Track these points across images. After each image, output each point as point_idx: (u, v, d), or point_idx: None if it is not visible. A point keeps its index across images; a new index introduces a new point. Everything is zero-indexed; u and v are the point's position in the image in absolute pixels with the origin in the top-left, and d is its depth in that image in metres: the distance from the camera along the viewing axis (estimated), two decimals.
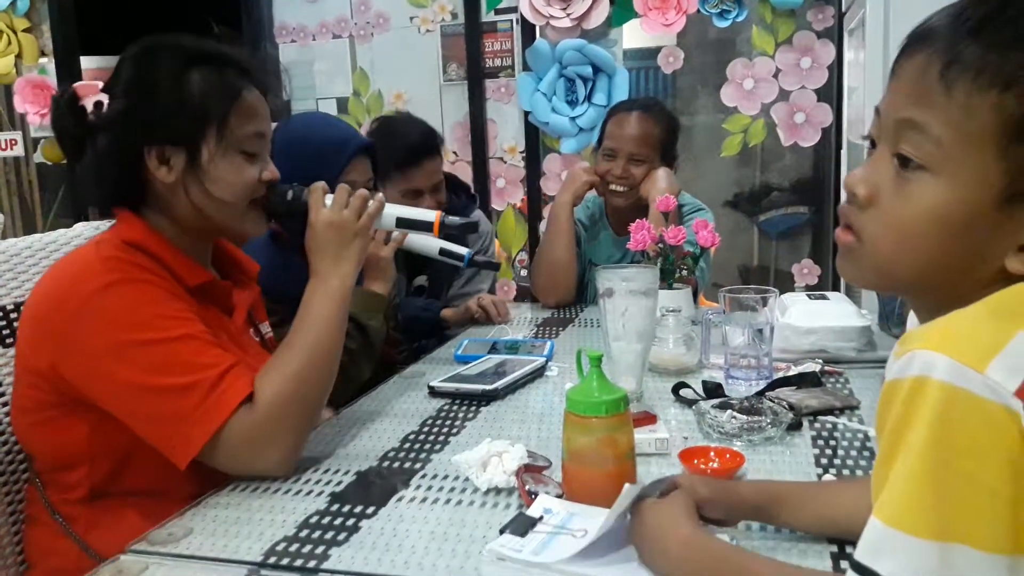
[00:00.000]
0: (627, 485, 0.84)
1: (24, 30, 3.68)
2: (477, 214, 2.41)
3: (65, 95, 1.13)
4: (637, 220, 1.76)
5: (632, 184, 2.13)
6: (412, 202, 2.14)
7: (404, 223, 1.33)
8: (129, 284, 1.07)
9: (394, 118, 2.36)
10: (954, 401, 0.53)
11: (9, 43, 3.69)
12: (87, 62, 4.03)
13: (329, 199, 1.24)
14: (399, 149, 2.13)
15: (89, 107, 1.12)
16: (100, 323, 1.05)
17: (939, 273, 0.63)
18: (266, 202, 1.21)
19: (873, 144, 0.68)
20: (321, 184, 1.25)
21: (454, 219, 1.33)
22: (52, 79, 3.68)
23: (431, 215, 1.32)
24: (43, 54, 3.71)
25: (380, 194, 1.27)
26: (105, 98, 1.12)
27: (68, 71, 3.65)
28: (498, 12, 3.20)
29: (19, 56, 3.71)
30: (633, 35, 3.12)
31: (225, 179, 1.14)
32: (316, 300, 1.18)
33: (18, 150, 3.82)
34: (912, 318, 0.82)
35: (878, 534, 0.56)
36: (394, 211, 1.31)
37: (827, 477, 1.05)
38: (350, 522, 0.97)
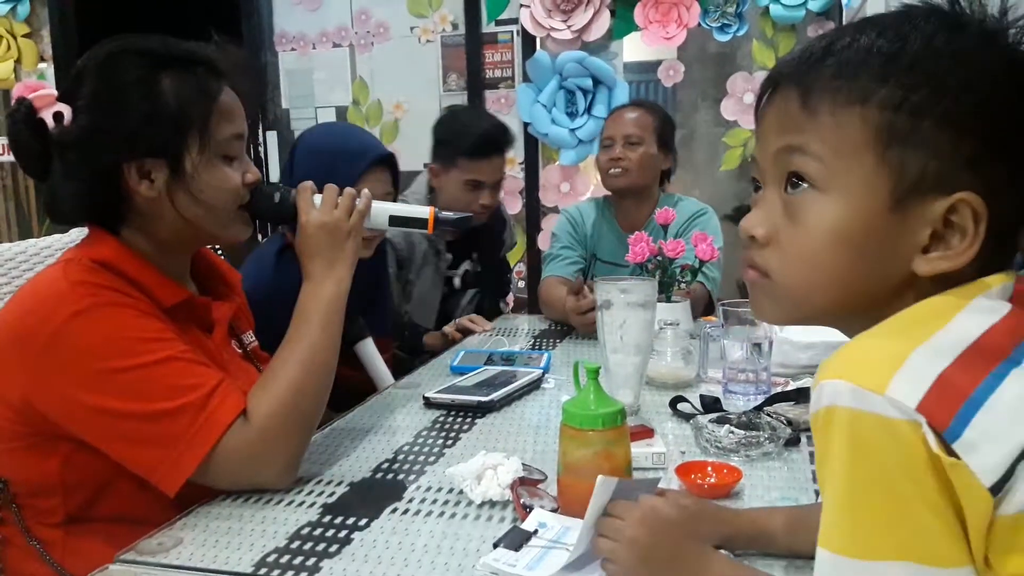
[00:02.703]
0: (600, 478, 0.82)
1: (24, 35, 3.69)
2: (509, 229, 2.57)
3: (21, 108, 1.05)
4: (636, 233, 1.76)
5: (626, 167, 2.17)
6: (472, 194, 2.22)
7: (397, 221, 1.28)
8: (103, 309, 1.01)
9: (468, 108, 2.44)
10: (862, 426, 0.54)
11: (8, 48, 3.69)
12: None
13: (318, 199, 1.19)
14: (471, 137, 2.20)
15: (48, 119, 1.04)
16: (75, 353, 1.00)
17: (853, 292, 0.64)
18: (251, 205, 1.16)
19: (757, 187, 0.69)
20: (309, 184, 1.20)
21: (448, 214, 1.29)
22: (51, 84, 3.69)
23: (424, 211, 1.27)
24: (42, 59, 3.72)
25: (366, 190, 1.23)
26: (65, 108, 1.05)
27: (67, 76, 3.65)
28: (499, 23, 3.21)
29: (18, 61, 3.72)
30: (634, 48, 3.13)
31: (210, 188, 1.09)
32: (311, 307, 1.14)
33: None
34: None
35: (825, 563, 0.57)
36: (385, 208, 1.26)
37: None
38: (342, 534, 0.96)
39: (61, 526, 1.07)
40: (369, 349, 1.67)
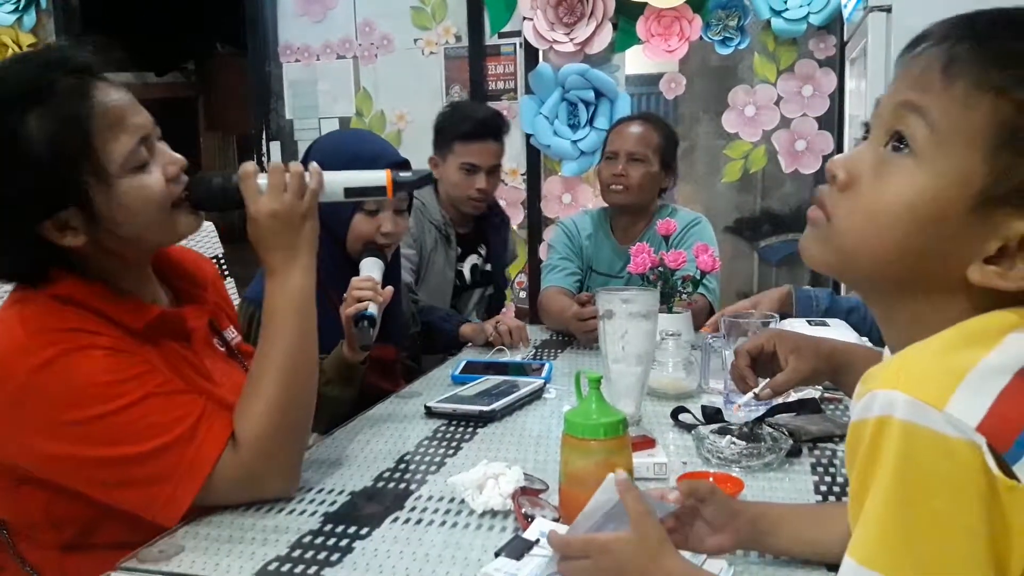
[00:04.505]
0: (611, 475, 0.82)
1: (29, 46, 3.70)
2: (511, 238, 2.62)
3: None
4: (637, 244, 1.77)
5: (628, 184, 2.17)
6: (468, 179, 2.30)
7: (354, 192, 1.16)
8: (68, 357, 0.95)
9: (468, 100, 2.56)
10: (917, 440, 0.53)
11: None
12: None
13: (262, 180, 1.09)
14: (465, 122, 2.32)
15: None
16: (46, 407, 0.95)
17: (901, 268, 0.63)
18: (191, 196, 1.07)
19: (864, 135, 0.68)
20: (251, 166, 1.09)
21: (407, 175, 1.18)
22: None
23: (380, 176, 1.15)
24: None
25: (314, 164, 1.13)
26: None
27: None
28: (502, 36, 3.23)
29: None
30: (636, 61, 3.14)
31: (132, 206, 1.00)
32: (280, 307, 1.07)
33: None
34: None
35: (853, 573, 0.56)
36: (339, 180, 1.15)
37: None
38: (344, 543, 0.96)
39: (56, 552, 1.04)
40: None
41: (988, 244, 0.60)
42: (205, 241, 2.02)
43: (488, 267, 2.49)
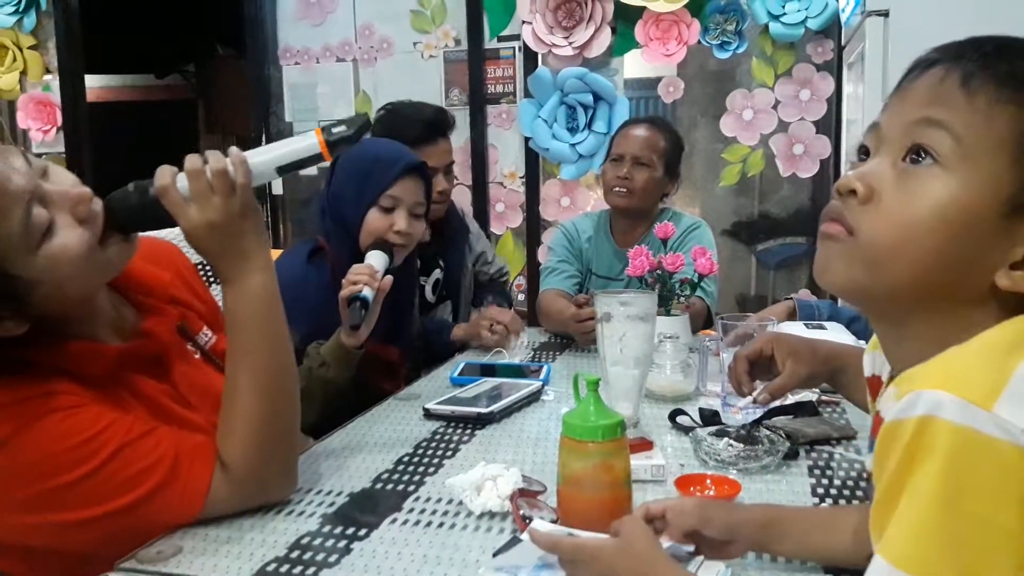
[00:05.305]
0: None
1: (30, 47, 3.71)
2: (477, 230, 2.52)
3: None
4: (635, 247, 1.77)
5: (632, 188, 2.17)
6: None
7: (287, 167, 1.04)
8: (29, 429, 0.90)
9: (405, 102, 2.35)
10: (964, 442, 0.53)
11: (14, 60, 3.71)
12: (92, 80, 4.05)
13: (181, 182, 0.98)
14: (412, 126, 2.17)
15: None
16: (16, 483, 0.91)
17: (932, 278, 0.63)
18: (112, 221, 0.97)
19: (861, 157, 0.69)
20: (167, 174, 0.98)
21: (340, 129, 1.03)
22: (56, 97, 3.70)
23: (311, 140, 1.03)
24: (48, 71, 3.74)
25: (234, 148, 1.02)
26: None
27: (72, 89, 3.68)
28: (501, 39, 3.23)
29: (24, 72, 3.73)
30: (634, 65, 3.15)
31: (58, 274, 0.92)
32: (242, 317, 1.01)
33: None
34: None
35: (882, 573, 0.55)
36: (268, 161, 1.03)
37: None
38: (342, 544, 0.96)
39: None
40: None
41: (1014, 250, 0.61)
42: None
43: (449, 282, 2.36)
